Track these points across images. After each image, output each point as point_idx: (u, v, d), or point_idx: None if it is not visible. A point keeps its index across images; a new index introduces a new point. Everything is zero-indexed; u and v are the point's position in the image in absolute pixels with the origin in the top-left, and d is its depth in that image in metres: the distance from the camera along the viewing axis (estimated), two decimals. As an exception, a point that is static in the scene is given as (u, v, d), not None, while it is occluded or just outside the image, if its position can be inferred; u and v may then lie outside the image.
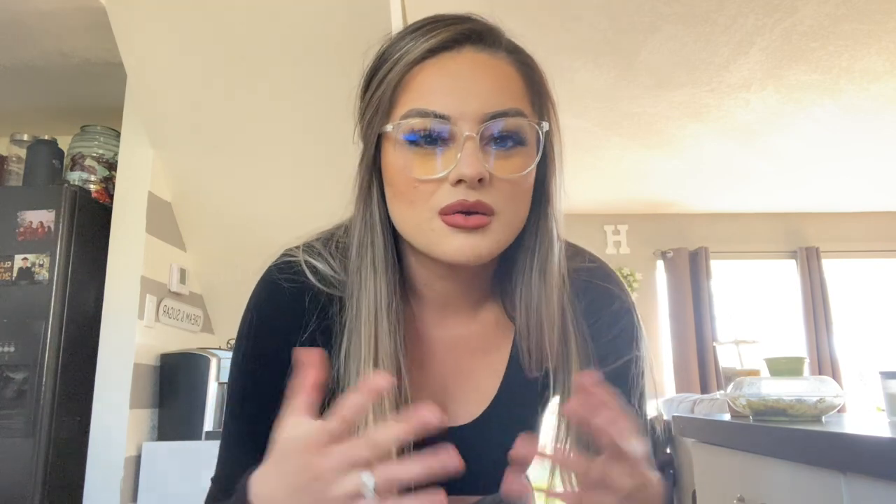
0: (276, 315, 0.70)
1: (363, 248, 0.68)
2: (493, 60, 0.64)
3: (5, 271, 2.23)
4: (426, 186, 0.62)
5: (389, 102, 0.64)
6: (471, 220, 0.61)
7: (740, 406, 1.43)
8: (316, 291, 0.69)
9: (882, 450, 0.90)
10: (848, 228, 5.01)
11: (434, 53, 0.63)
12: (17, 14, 2.28)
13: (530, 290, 0.69)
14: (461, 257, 0.62)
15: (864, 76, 3.07)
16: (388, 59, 0.65)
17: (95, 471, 2.22)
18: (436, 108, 0.61)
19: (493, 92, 0.62)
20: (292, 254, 0.72)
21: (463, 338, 0.74)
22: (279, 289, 0.70)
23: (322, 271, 0.70)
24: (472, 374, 0.74)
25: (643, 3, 2.51)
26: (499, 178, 0.61)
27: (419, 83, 0.62)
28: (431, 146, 0.62)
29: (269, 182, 2.50)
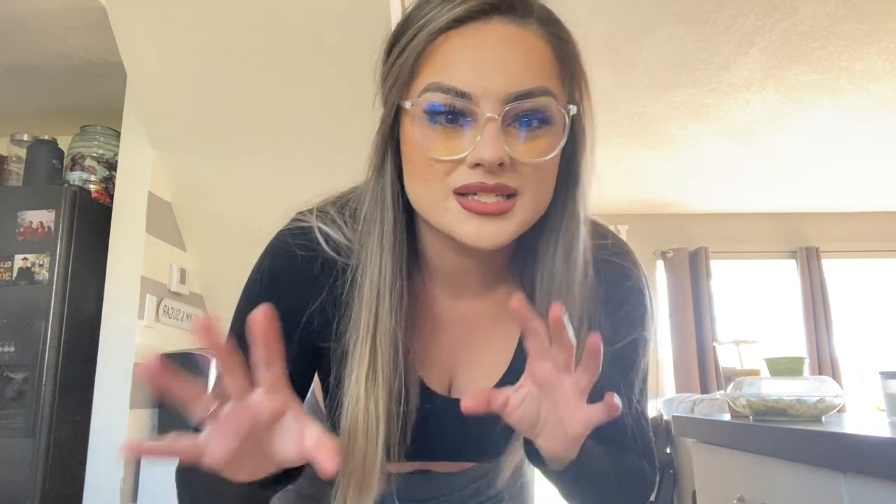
0: (288, 280, 0.67)
1: (371, 223, 0.65)
2: (523, 33, 0.59)
3: (5, 271, 2.23)
4: (443, 165, 0.59)
5: (410, 72, 0.60)
6: (489, 206, 0.58)
7: (740, 406, 1.43)
8: (328, 260, 0.67)
9: (882, 450, 0.90)
10: (848, 228, 5.01)
11: (460, 23, 0.58)
12: (17, 14, 2.28)
13: (553, 275, 0.66)
14: (480, 242, 0.59)
15: (864, 76, 3.07)
16: (411, 25, 0.60)
17: (95, 471, 2.22)
18: (457, 84, 0.57)
19: (520, 69, 0.58)
20: (305, 219, 0.70)
21: (475, 311, 0.73)
22: (292, 255, 0.67)
23: (335, 239, 0.67)
24: (484, 348, 0.74)
25: (643, 3, 2.51)
26: (521, 161, 0.58)
27: (442, 55, 0.58)
28: (451, 124, 0.58)
29: (270, 182, 2.50)
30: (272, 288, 0.68)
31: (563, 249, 0.66)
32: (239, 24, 2.04)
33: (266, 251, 0.70)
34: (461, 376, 0.74)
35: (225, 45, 2.09)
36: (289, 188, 2.48)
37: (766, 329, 4.92)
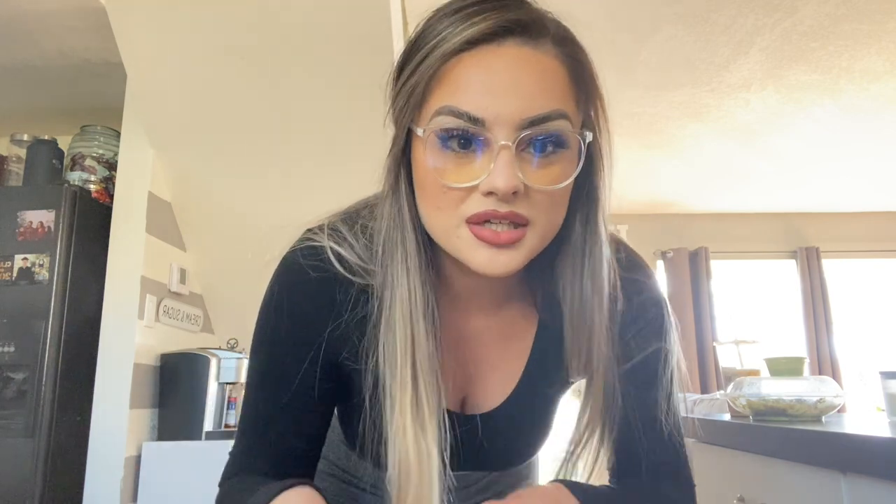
0: (304, 304, 0.66)
1: (393, 245, 0.64)
2: (537, 55, 0.57)
3: (5, 271, 2.23)
4: (455, 193, 0.57)
5: (422, 94, 0.59)
6: (501, 237, 0.57)
7: (740, 406, 1.43)
8: (344, 280, 0.66)
9: (882, 450, 0.90)
10: (848, 228, 5.01)
11: (473, 45, 0.56)
12: (17, 14, 2.28)
13: (582, 299, 0.65)
14: (490, 271, 0.58)
15: (864, 76, 3.07)
16: (423, 45, 0.59)
17: (95, 471, 2.22)
18: (470, 110, 0.55)
19: (534, 92, 0.56)
20: (316, 239, 0.68)
21: (486, 329, 0.73)
22: (306, 277, 0.66)
23: (349, 261, 0.66)
24: (495, 365, 0.74)
25: (643, 3, 2.51)
26: (535, 188, 0.57)
27: (455, 78, 0.57)
28: (464, 149, 0.57)
29: (270, 182, 2.50)
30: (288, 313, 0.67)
31: (591, 273, 0.65)
32: (239, 24, 2.04)
33: (277, 275, 0.68)
34: (474, 393, 0.74)
35: (225, 45, 2.09)
36: (289, 188, 2.49)
37: (766, 329, 4.91)
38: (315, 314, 0.66)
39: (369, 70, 2.17)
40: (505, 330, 0.73)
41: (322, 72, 2.14)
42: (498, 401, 0.74)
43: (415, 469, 0.61)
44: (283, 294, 0.67)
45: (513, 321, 0.73)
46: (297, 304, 0.66)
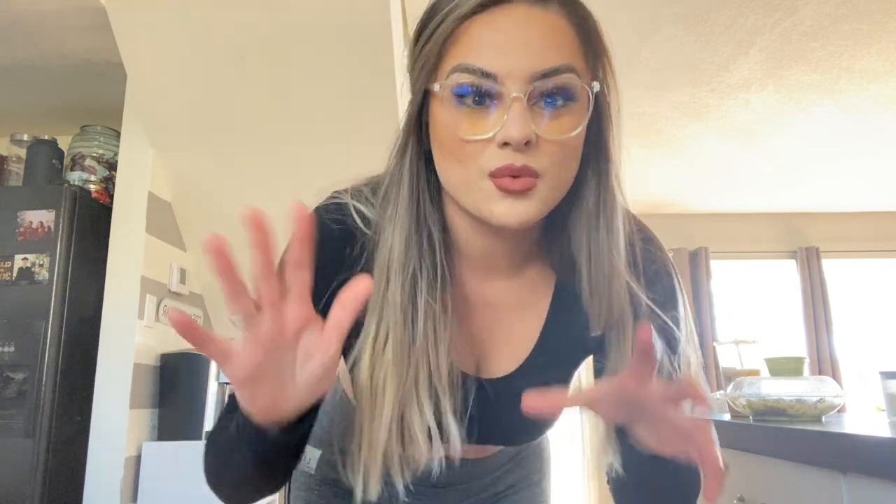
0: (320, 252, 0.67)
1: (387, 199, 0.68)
2: (545, 14, 0.61)
3: (5, 271, 2.23)
4: (473, 146, 0.60)
5: (437, 56, 0.62)
6: (517, 183, 0.60)
7: (740, 406, 1.43)
8: (362, 235, 0.70)
9: (882, 450, 0.90)
10: (848, 228, 5.01)
11: (485, 8, 0.60)
12: (17, 14, 2.28)
13: (599, 250, 0.67)
14: (508, 221, 0.61)
15: (864, 76, 3.07)
16: (438, 12, 0.63)
17: (95, 471, 2.22)
18: (483, 65, 0.59)
19: (544, 48, 0.60)
20: (341, 197, 0.72)
21: (503, 292, 0.74)
22: (327, 227, 0.70)
23: (369, 216, 0.70)
24: (511, 329, 0.75)
25: (643, 3, 2.51)
26: (546, 139, 0.60)
27: (468, 38, 0.60)
28: (479, 104, 0.60)
29: (270, 181, 2.50)
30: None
31: (605, 223, 0.67)
32: (239, 24, 2.04)
33: None
34: (489, 357, 0.75)
35: (225, 44, 2.09)
36: (289, 187, 2.49)
37: (766, 329, 4.91)
38: (330, 262, 0.69)
39: (369, 70, 2.18)
40: (522, 295, 0.75)
41: (322, 72, 2.14)
42: (513, 366, 0.75)
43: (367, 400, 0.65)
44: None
45: (531, 284, 0.75)
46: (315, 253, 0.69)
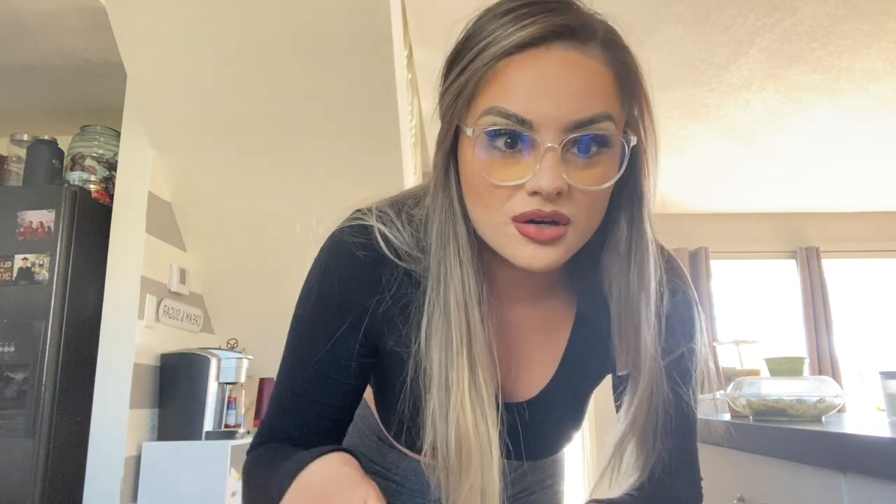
0: (349, 280, 0.68)
1: (446, 237, 0.66)
2: (584, 59, 0.59)
3: (5, 271, 2.23)
4: (502, 191, 0.59)
5: (472, 93, 0.61)
6: (544, 234, 0.59)
7: (740, 406, 1.43)
8: (390, 262, 0.68)
9: (882, 450, 0.90)
10: (848, 228, 5.01)
11: (523, 48, 0.58)
12: (17, 14, 2.28)
13: (629, 296, 0.67)
14: (532, 266, 0.60)
15: (864, 76, 3.07)
16: (474, 45, 0.60)
17: (95, 471, 2.22)
18: (518, 111, 0.57)
19: (581, 95, 0.58)
20: (365, 218, 0.70)
21: (526, 319, 0.75)
22: (352, 255, 0.68)
23: (395, 244, 0.68)
24: (533, 355, 0.76)
25: (643, 3, 2.51)
26: (578, 188, 0.59)
27: (504, 79, 0.59)
28: (510, 149, 0.59)
29: (270, 182, 2.50)
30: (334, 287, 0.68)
31: (638, 270, 0.67)
32: (239, 24, 2.04)
33: (324, 250, 0.71)
34: (509, 383, 0.76)
35: (225, 44, 2.09)
36: (289, 188, 2.49)
37: (766, 329, 4.91)
38: (359, 290, 0.68)
39: (370, 70, 2.18)
40: (544, 322, 0.75)
41: (322, 72, 2.14)
42: (534, 391, 0.76)
43: (476, 453, 0.63)
44: (329, 268, 0.69)
45: (552, 313, 0.75)
46: (342, 278, 0.68)
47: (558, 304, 0.75)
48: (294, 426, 0.71)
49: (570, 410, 0.79)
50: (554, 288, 0.75)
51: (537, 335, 0.76)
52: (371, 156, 2.34)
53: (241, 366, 2.53)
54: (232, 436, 2.41)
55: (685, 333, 0.73)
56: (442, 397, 0.65)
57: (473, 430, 0.63)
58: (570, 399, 0.78)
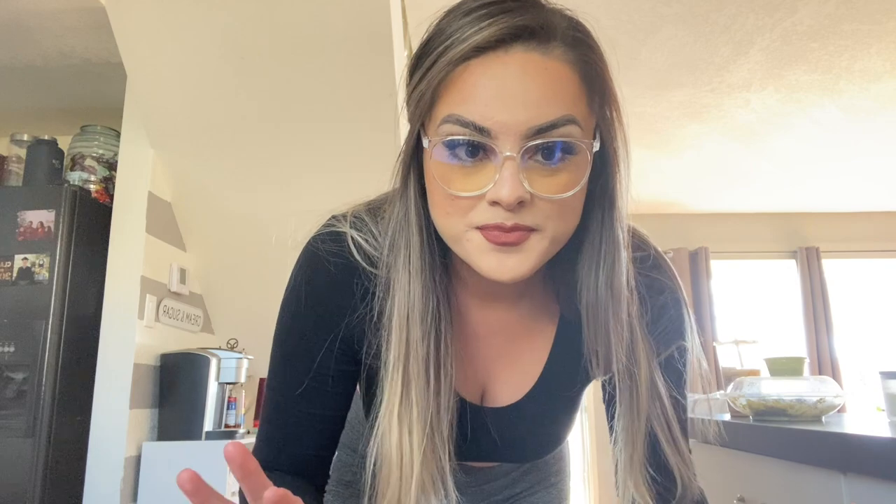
0: (325, 291, 0.67)
1: (397, 249, 0.65)
2: (546, 61, 0.56)
3: (5, 271, 2.23)
4: (462, 202, 0.58)
5: (430, 99, 0.59)
6: (510, 237, 0.57)
7: (740, 406, 1.43)
8: (362, 271, 0.67)
9: (882, 450, 0.90)
10: (848, 228, 5.01)
11: (481, 52, 0.56)
12: (17, 14, 2.28)
13: (597, 302, 0.65)
14: (500, 276, 0.58)
15: (864, 76, 3.06)
16: (433, 50, 0.58)
17: (95, 471, 2.22)
18: (475, 119, 0.55)
19: (541, 100, 0.55)
20: (338, 225, 0.69)
21: (507, 321, 0.73)
22: (325, 265, 0.67)
23: (368, 250, 0.67)
24: (516, 357, 0.74)
25: (643, 3, 2.51)
26: (541, 197, 0.56)
27: (462, 85, 0.56)
28: (471, 157, 0.57)
29: (270, 182, 2.50)
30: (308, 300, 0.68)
31: (606, 276, 0.65)
32: (239, 24, 2.04)
33: (299, 262, 0.70)
34: (494, 386, 0.75)
35: (225, 44, 2.09)
36: (289, 188, 2.49)
37: (766, 329, 4.91)
38: (332, 300, 0.67)
39: (369, 70, 2.18)
40: (527, 323, 0.74)
41: (322, 72, 2.14)
42: (518, 395, 0.75)
43: (395, 473, 0.62)
44: (303, 281, 0.68)
45: (535, 314, 0.74)
46: (316, 291, 0.68)
47: (541, 304, 0.74)
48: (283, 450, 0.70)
49: (559, 414, 0.78)
50: (535, 288, 0.73)
51: (520, 337, 0.74)
52: (371, 156, 2.33)
53: (241, 366, 2.53)
54: (232, 436, 2.41)
55: (674, 333, 0.72)
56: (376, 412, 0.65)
57: (396, 451, 0.62)
58: (556, 403, 0.77)
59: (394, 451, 0.63)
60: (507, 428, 0.75)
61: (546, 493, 0.96)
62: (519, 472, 0.93)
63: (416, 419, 0.63)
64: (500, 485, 0.92)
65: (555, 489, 0.97)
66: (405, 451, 0.62)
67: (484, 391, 0.75)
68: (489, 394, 0.75)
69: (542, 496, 0.95)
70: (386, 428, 0.63)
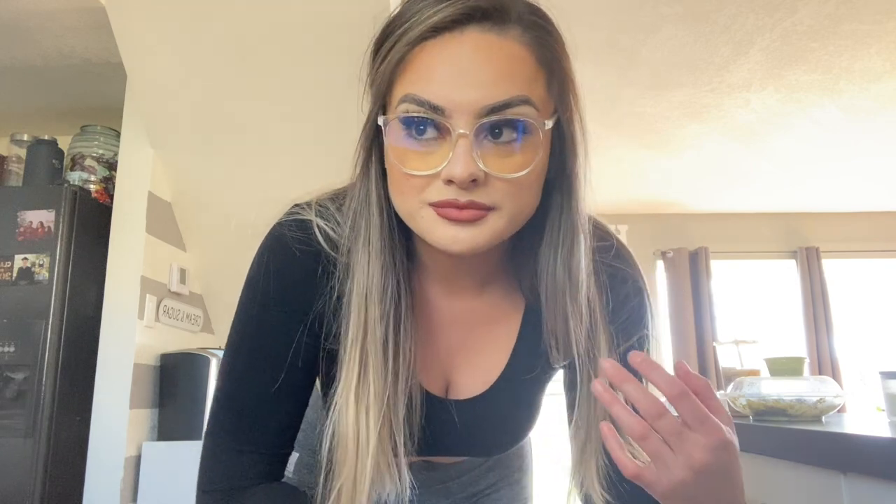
0: (289, 279, 0.67)
1: (357, 229, 0.66)
2: (500, 41, 0.57)
3: (5, 271, 2.23)
4: (418, 180, 0.58)
5: (389, 80, 0.60)
6: (464, 214, 0.57)
7: (740, 406, 1.43)
8: (328, 256, 0.67)
9: (882, 450, 0.90)
10: (848, 228, 5.00)
11: (437, 33, 0.57)
12: (17, 14, 2.28)
13: (555, 286, 0.66)
14: (454, 248, 0.59)
15: (864, 76, 3.06)
16: (393, 32, 0.60)
17: (95, 471, 2.22)
18: (430, 98, 0.56)
19: (495, 80, 0.56)
20: (303, 212, 0.69)
21: (470, 311, 0.73)
22: (290, 251, 0.67)
23: (333, 237, 0.67)
24: (480, 349, 0.74)
25: (643, 3, 2.51)
26: (495, 176, 0.57)
27: (418, 66, 0.58)
28: (426, 138, 0.58)
29: (270, 182, 2.49)
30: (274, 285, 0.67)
31: (563, 260, 0.66)
32: (239, 24, 2.04)
33: (263, 247, 0.69)
34: (458, 378, 0.74)
35: (225, 45, 2.09)
36: (289, 188, 2.49)
37: (766, 329, 4.91)
38: (298, 285, 0.67)
39: (369, 70, 2.18)
40: (491, 313, 0.74)
41: (322, 72, 2.14)
42: (483, 387, 0.74)
43: (352, 449, 0.63)
44: (270, 266, 0.68)
45: (498, 304, 0.74)
46: (281, 274, 0.67)
47: (504, 294, 0.74)
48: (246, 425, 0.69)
49: (524, 405, 0.78)
50: (498, 277, 0.73)
51: (485, 327, 0.74)
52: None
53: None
54: (232, 436, 2.41)
55: (637, 322, 0.72)
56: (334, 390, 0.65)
57: (353, 429, 0.63)
58: (521, 394, 0.76)
59: (350, 430, 0.63)
60: (471, 420, 0.74)
61: (509, 489, 0.95)
62: (482, 468, 0.92)
63: (372, 399, 0.63)
64: (463, 482, 0.91)
65: (518, 486, 0.97)
66: (361, 430, 0.63)
67: (448, 383, 0.75)
68: (453, 386, 0.75)
69: (505, 493, 0.95)
70: (343, 405, 0.63)
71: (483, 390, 0.74)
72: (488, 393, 0.74)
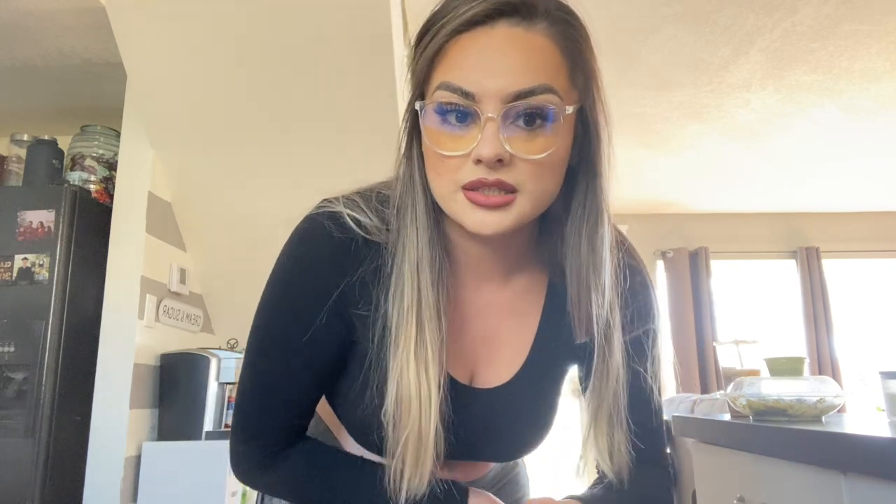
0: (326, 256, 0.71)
1: (404, 207, 0.70)
2: (527, 35, 0.63)
3: (5, 271, 2.23)
4: (451, 161, 0.63)
5: (427, 69, 0.66)
6: (491, 200, 0.62)
7: (740, 406, 1.43)
8: (360, 240, 0.71)
9: (882, 450, 0.90)
10: (848, 228, 5.01)
11: (471, 26, 0.63)
12: (17, 14, 2.28)
13: (580, 261, 0.70)
14: (483, 230, 0.64)
15: (864, 76, 3.07)
16: (433, 25, 0.65)
17: (95, 471, 2.22)
18: (462, 85, 0.62)
19: (523, 69, 0.62)
20: (332, 206, 0.73)
21: (495, 302, 0.77)
22: (327, 233, 0.70)
23: (364, 223, 0.71)
24: (504, 339, 0.77)
25: (644, 3, 2.51)
26: (520, 157, 0.62)
27: (454, 56, 0.63)
28: (459, 122, 0.63)
29: (269, 181, 2.50)
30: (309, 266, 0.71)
31: (588, 237, 0.70)
32: (239, 25, 2.04)
33: (296, 234, 0.73)
34: (483, 367, 0.77)
35: (225, 45, 2.09)
36: (289, 188, 2.49)
37: (766, 329, 4.91)
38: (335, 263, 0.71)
39: (370, 70, 2.18)
40: (515, 304, 0.77)
41: (322, 72, 2.14)
42: (508, 375, 0.77)
43: (415, 404, 0.67)
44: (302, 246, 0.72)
45: (523, 294, 0.77)
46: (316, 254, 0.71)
47: (528, 281, 0.78)
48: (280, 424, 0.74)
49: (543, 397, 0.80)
50: (522, 264, 0.77)
51: (506, 320, 0.77)
52: (371, 155, 2.33)
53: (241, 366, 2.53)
54: (232, 436, 2.41)
55: (644, 314, 0.77)
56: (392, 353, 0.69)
57: (415, 384, 0.67)
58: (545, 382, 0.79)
59: (412, 388, 0.67)
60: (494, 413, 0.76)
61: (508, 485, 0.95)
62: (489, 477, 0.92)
63: (430, 358, 0.68)
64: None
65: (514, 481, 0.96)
66: (423, 387, 0.67)
67: (473, 373, 0.77)
68: (478, 375, 0.77)
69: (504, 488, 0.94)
70: (403, 365, 0.67)
71: (506, 380, 0.77)
72: (512, 382, 0.77)
